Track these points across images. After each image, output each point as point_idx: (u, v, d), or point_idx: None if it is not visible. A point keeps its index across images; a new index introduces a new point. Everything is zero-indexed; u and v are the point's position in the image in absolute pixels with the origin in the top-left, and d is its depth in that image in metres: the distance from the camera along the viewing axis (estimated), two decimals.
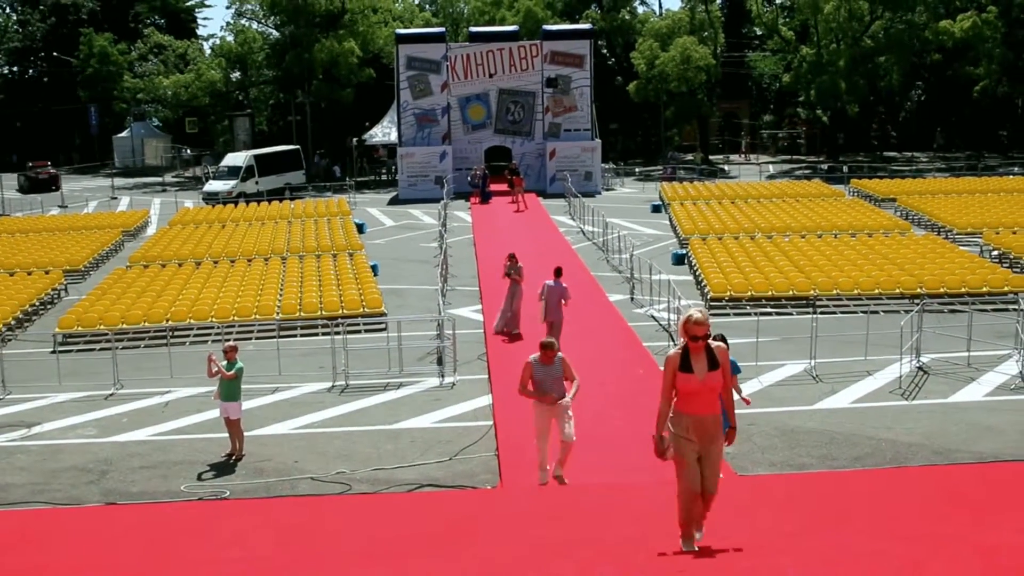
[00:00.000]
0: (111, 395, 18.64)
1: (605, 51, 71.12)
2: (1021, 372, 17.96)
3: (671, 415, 9.31)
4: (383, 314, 23.48)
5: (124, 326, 23.02)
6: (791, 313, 23.56)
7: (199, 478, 14.24)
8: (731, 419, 9.76)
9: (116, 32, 72.03)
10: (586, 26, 55.22)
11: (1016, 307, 20.83)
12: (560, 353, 12.74)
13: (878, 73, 62.40)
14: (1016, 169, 53.44)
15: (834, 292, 24.43)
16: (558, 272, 19.58)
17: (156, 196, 53.91)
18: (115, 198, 53.08)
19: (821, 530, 9.88)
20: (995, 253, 29.14)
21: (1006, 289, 24.28)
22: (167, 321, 23.27)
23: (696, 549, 9.02)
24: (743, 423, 14.01)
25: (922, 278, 24.89)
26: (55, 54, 73.73)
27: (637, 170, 60.27)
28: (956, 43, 60.79)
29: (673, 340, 20.81)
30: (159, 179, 61.68)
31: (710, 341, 9.27)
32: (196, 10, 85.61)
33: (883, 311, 22.91)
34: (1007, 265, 27.82)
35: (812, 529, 10.19)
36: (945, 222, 34.26)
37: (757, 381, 17.78)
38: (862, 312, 22.70)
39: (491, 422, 15.83)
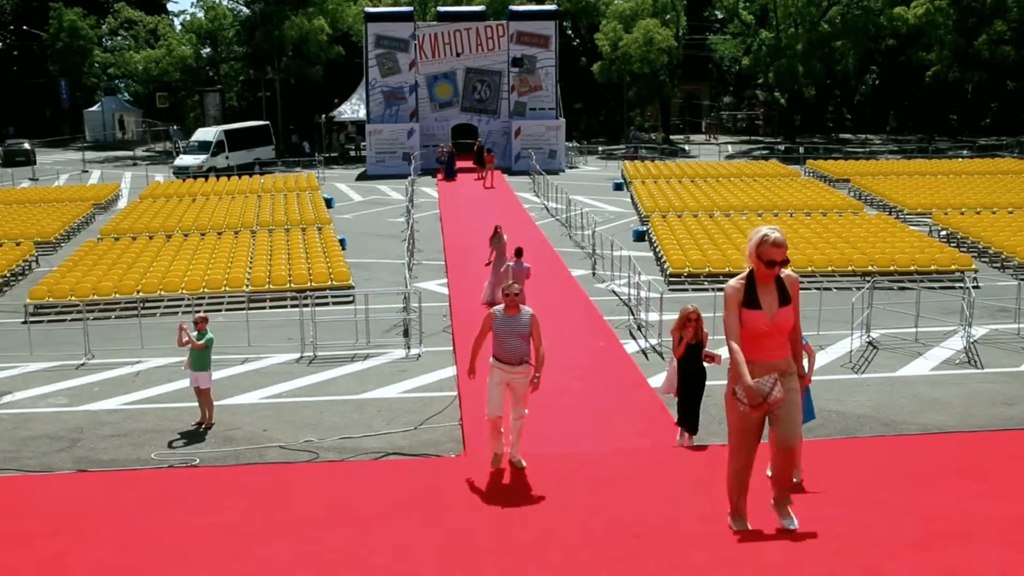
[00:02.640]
0: (82, 365, 18.47)
1: (570, 32, 70.98)
2: (966, 347, 18.23)
3: (728, 367, 7.34)
4: (351, 287, 23.43)
5: (95, 297, 22.80)
6: None
7: (169, 446, 14.18)
8: (801, 368, 7.63)
9: (86, 7, 70.85)
10: (551, 7, 55.06)
11: (962, 285, 21.13)
12: (529, 308, 10.79)
13: (834, 57, 62.77)
14: (965, 152, 54.02)
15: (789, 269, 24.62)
16: (519, 252, 19.61)
17: (127, 170, 53.26)
18: (86, 171, 52.38)
19: (773, 497, 10.01)
20: (943, 233, 29.50)
21: (953, 268, 24.60)
22: (138, 293, 23.08)
23: (749, 528, 7.44)
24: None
25: (873, 256, 25.16)
26: (24, 28, 72.41)
27: (600, 149, 60.28)
28: (909, 29, 61.31)
29: (632, 314, 20.91)
30: (130, 153, 60.94)
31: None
32: None
33: (835, 288, 23.16)
34: (954, 244, 28.18)
35: (764, 496, 10.32)
36: (896, 202, 34.61)
37: None
38: (815, 288, 22.92)
39: (455, 393, 15.86)
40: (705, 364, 12.22)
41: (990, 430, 13.85)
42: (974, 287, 20.86)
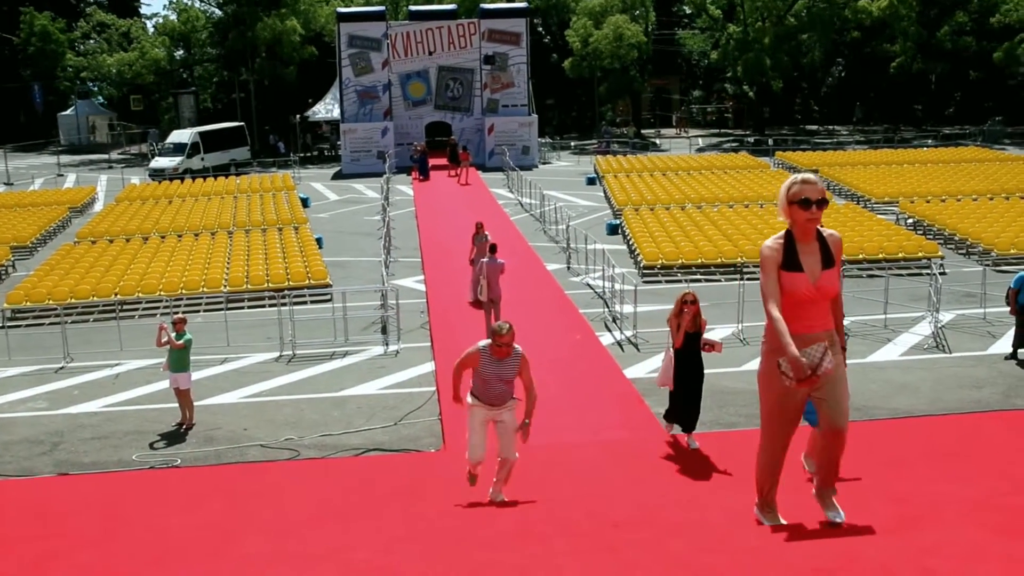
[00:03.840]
0: (61, 368, 18.34)
1: (541, 29, 70.90)
2: (934, 333, 18.39)
3: (763, 339, 6.43)
4: (328, 285, 23.35)
5: (73, 301, 22.62)
6: (719, 280, 23.85)
7: (150, 447, 14.10)
8: (841, 338, 6.63)
9: (57, 11, 70.05)
10: (522, 5, 54.91)
11: (929, 272, 21.32)
12: (518, 347, 9.50)
13: (801, 50, 63.11)
14: (930, 141, 54.42)
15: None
16: (493, 249, 19.51)
17: (103, 173, 52.81)
18: (61, 175, 51.89)
19: (746, 484, 10.08)
20: (910, 221, 29.72)
21: (920, 255, 24.80)
22: (116, 295, 22.92)
23: (782, 522, 6.74)
24: (704, 387, 14.04)
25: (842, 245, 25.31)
26: None
27: (572, 144, 60.32)
28: (874, 22, 61.75)
29: (607, 306, 20.95)
30: (105, 156, 60.43)
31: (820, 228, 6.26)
32: None
33: None
34: (921, 232, 28.40)
35: (738, 483, 10.38)
36: (864, 192, 34.84)
37: None
38: None
39: (434, 388, 15.87)
40: (704, 353, 11.72)
41: (958, 413, 13.99)
42: (941, 273, 21.04)
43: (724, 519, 7.14)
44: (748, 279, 22.53)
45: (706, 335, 11.75)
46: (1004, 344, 17.63)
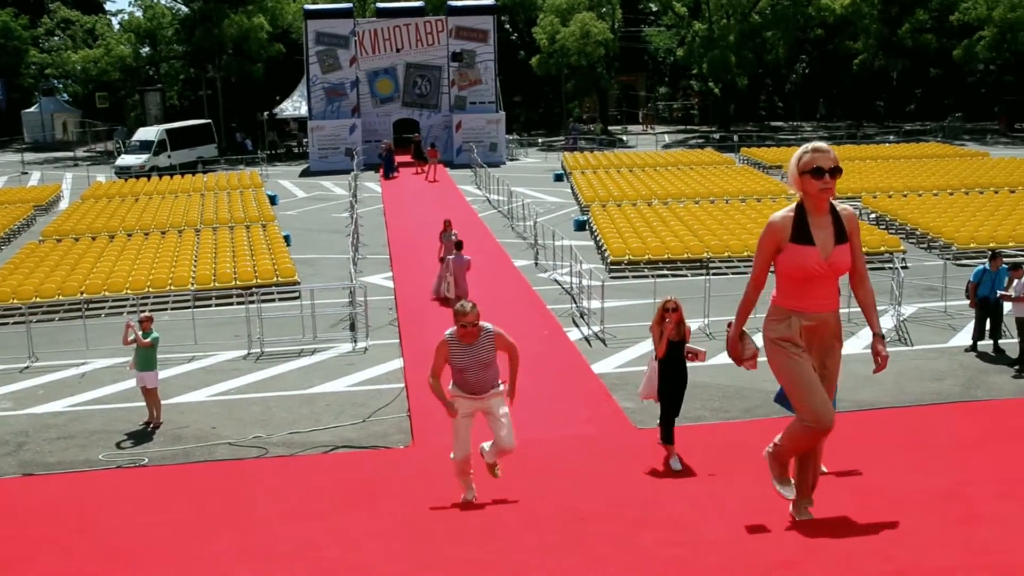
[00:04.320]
0: (26, 368, 18.10)
1: (508, 26, 70.85)
2: (896, 326, 18.57)
3: (770, 313, 6.02)
4: (296, 283, 23.22)
5: (38, 300, 22.34)
6: (686, 275, 23.94)
7: (117, 447, 13.96)
8: (874, 323, 6.11)
9: (20, 7, 69.13)
10: (489, 2, 54.79)
11: (892, 266, 21.51)
12: (488, 325, 8.80)
13: (765, 47, 63.48)
14: (892, 137, 54.98)
15: (725, 254, 24.89)
16: (459, 246, 19.45)
17: (68, 171, 52.20)
18: (26, 173, 51.23)
19: (713, 476, 10.13)
20: (873, 216, 29.99)
21: (882, 249, 25.02)
22: (82, 294, 22.65)
23: (810, 506, 6.34)
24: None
25: None
26: None
27: (540, 141, 60.35)
28: (837, 19, 62.28)
29: (575, 302, 20.98)
30: (70, 154, 59.72)
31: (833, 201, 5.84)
32: None
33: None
34: (884, 227, 28.66)
35: (703, 476, 10.44)
36: None
37: None
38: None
39: (402, 384, 15.82)
40: (688, 363, 10.95)
41: (921, 405, 14.14)
42: (903, 267, 21.24)
43: (691, 512, 7.16)
44: (714, 274, 22.65)
45: (690, 343, 10.99)
46: (964, 337, 17.83)
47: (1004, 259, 17.43)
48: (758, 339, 6.36)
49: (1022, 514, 6.12)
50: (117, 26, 69.79)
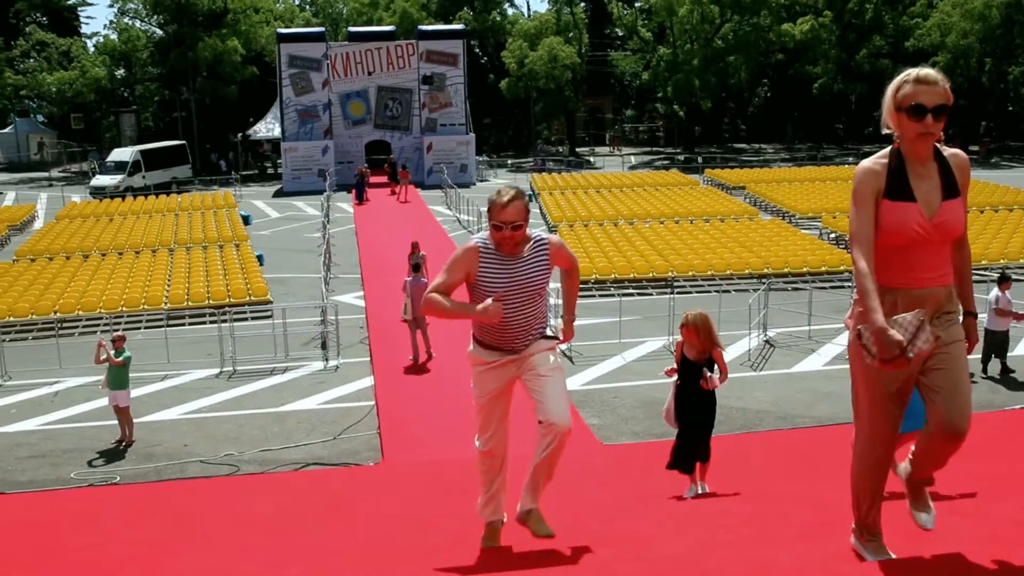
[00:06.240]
0: None
1: (478, 50, 71.16)
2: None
3: (853, 299, 4.55)
4: (269, 302, 23.14)
5: (11, 319, 22.12)
6: (651, 293, 24.09)
7: (89, 465, 13.84)
8: (969, 299, 4.52)
9: None
10: (459, 27, 55.21)
11: (851, 284, 21.74)
12: (540, 233, 5.93)
13: (728, 71, 64.10)
14: (851, 159, 55.55)
15: (690, 273, 25.06)
16: (416, 267, 19.27)
17: (43, 191, 51.75)
18: (1, 193, 50.76)
19: (676, 493, 10.17)
20: (832, 235, 30.30)
21: (842, 268, 25.29)
22: (55, 313, 22.46)
23: (891, 555, 4.89)
24: (636, 398, 14.12)
25: (768, 259, 25.73)
26: None
27: (509, 162, 60.53)
28: (796, 44, 63.00)
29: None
30: (45, 174, 59.20)
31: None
32: (79, 8, 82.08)
33: (734, 290, 23.61)
34: (843, 246, 28.95)
35: (669, 493, 10.48)
36: (788, 207, 35.45)
37: (620, 357, 18.14)
38: (715, 291, 23.36)
39: (373, 402, 15.80)
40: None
41: None
42: None
43: (653, 529, 7.20)
44: (679, 292, 22.79)
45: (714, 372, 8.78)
46: None
47: (991, 270, 16.98)
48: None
49: None
50: (92, 49, 69.35)
